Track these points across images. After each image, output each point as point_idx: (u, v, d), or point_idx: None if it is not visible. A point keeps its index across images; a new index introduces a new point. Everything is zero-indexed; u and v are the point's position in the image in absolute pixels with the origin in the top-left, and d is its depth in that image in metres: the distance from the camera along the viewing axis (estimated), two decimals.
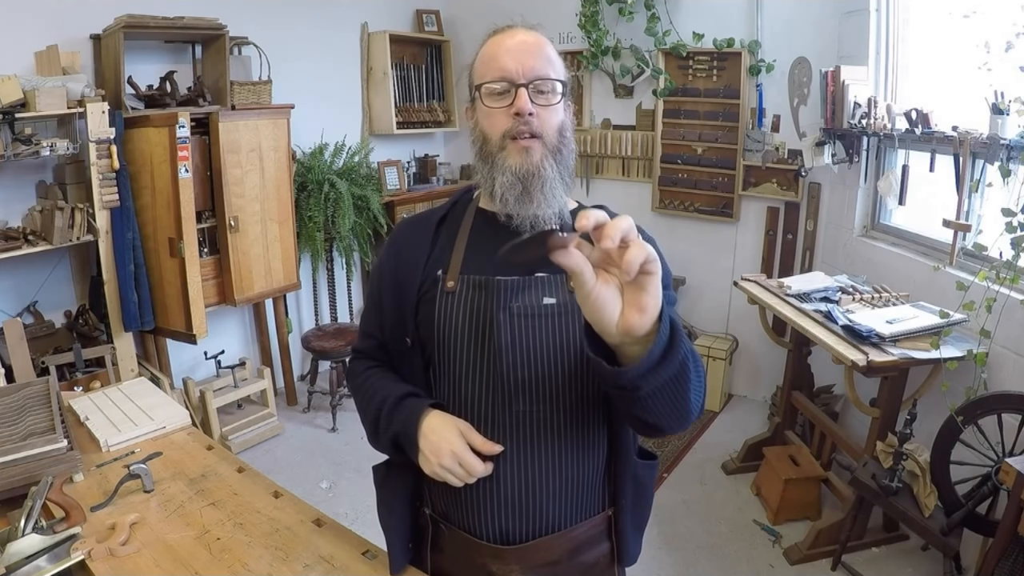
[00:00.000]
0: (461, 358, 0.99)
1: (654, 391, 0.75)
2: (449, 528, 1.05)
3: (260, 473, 1.44)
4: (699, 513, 2.72)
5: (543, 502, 1.00)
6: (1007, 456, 1.89)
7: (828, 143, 2.92)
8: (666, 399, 0.77)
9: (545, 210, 0.96)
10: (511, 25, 1.00)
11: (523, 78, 0.93)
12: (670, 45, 3.51)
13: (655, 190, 3.79)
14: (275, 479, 1.42)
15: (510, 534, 1.01)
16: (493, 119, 0.96)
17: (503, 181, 0.95)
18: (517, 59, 0.94)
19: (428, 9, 4.35)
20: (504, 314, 0.96)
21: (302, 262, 3.68)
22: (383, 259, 1.11)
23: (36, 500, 1.17)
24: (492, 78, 0.95)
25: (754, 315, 3.01)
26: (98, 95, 2.61)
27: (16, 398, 1.52)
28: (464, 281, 0.99)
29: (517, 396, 0.97)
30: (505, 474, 0.98)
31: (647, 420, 0.82)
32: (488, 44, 0.99)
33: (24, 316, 2.76)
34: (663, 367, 0.73)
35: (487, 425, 0.98)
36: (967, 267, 2.33)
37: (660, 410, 0.79)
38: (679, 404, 0.79)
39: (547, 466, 0.99)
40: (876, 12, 2.78)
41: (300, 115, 3.37)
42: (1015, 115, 2.04)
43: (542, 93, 0.95)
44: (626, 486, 1.07)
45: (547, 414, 0.98)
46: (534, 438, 0.98)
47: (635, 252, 0.65)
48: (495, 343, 0.96)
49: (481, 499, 1.00)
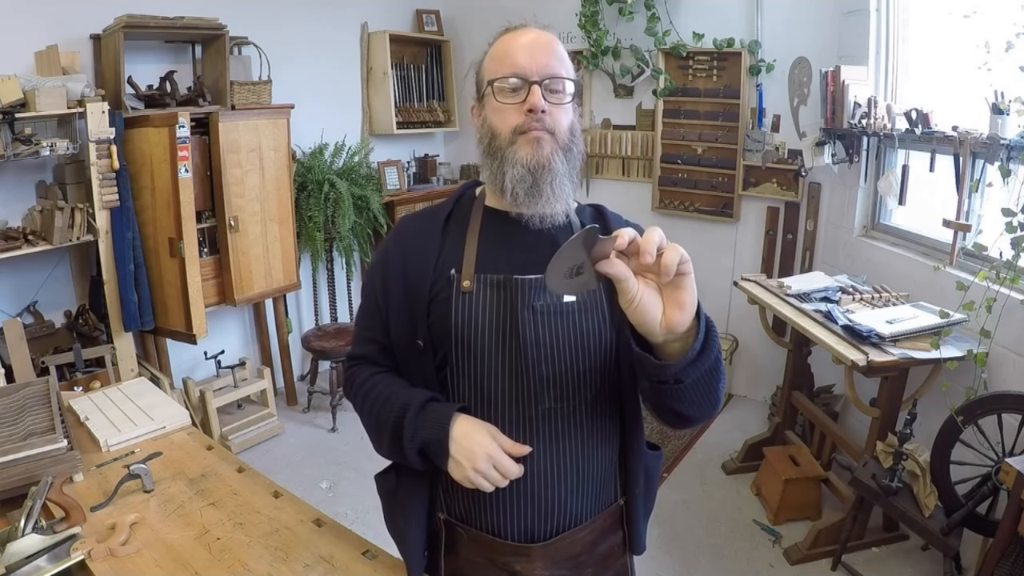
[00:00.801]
0: (483, 358, 0.98)
1: (694, 382, 0.81)
2: (467, 530, 1.04)
3: (260, 473, 1.44)
4: (699, 513, 2.72)
5: (566, 497, 1.01)
6: (1007, 456, 1.89)
7: (828, 143, 2.92)
8: (703, 390, 0.83)
9: (554, 205, 0.96)
10: (524, 23, 1.00)
11: (536, 75, 0.93)
12: (670, 45, 3.51)
13: (655, 190, 3.79)
14: (275, 479, 1.42)
15: (533, 531, 1.01)
16: (504, 115, 0.95)
17: (513, 174, 0.94)
18: (531, 56, 0.94)
19: (428, 9, 4.35)
20: (528, 312, 0.96)
21: (302, 262, 3.68)
22: (387, 257, 1.07)
23: (36, 500, 1.17)
24: (505, 74, 0.95)
25: (754, 315, 3.01)
26: (98, 95, 2.61)
27: (16, 398, 1.52)
28: (481, 280, 0.98)
29: (542, 393, 0.97)
30: (531, 472, 0.98)
31: (682, 411, 0.86)
32: (500, 41, 0.99)
33: (24, 316, 2.76)
34: (702, 359, 0.79)
35: (512, 424, 0.98)
36: (967, 267, 2.33)
37: (697, 400, 0.84)
38: (712, 394, 0.85)
39: (570, 461, 1.00)
40: (876, 12, 2.78)
41: (300, 115, 3.37)
42: (1015, 115, 2.04)
43: (554, 92, 0.95)
44: (638, 476, 1.09)
45: (570, 410, 0.99)
46: (557, 434, 0.99)
47: (671, 256, 0.72)
48: (519, 341, 0.96)
49: (507, 499, 0.99)
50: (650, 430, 3.40)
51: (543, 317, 0.97)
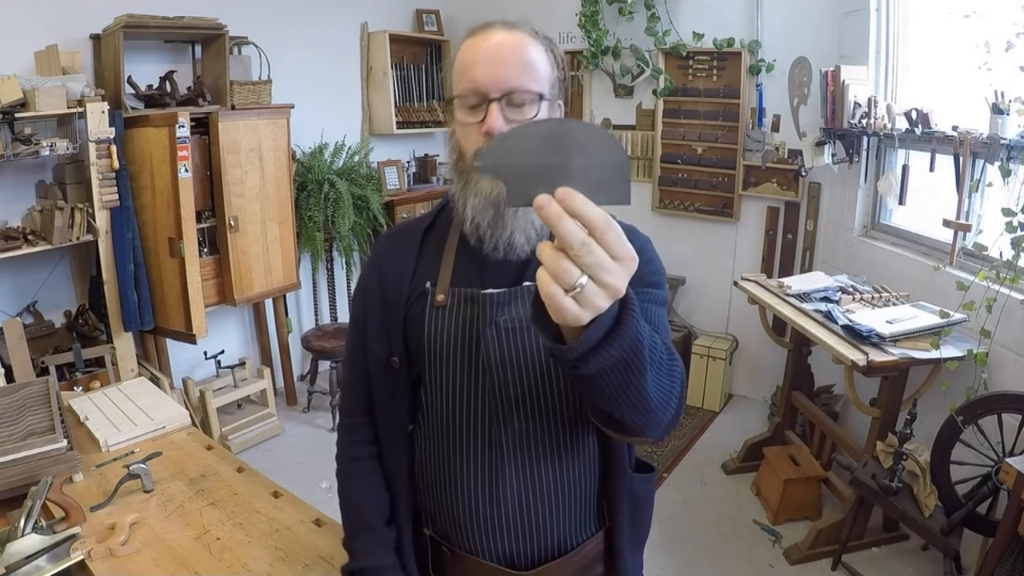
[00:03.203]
0: (455, 377, 0.94)
1: (601, 373, 0.65)
2: (451, 550, 1.01)
3: (260, 473, 1.44)
4: (699, 513, 2.72)
5: (545, 521, 0.96)
6: (1007, 456, 1.89)
7: (828, 143, 2.92)
8: (617, 385, 0.67)
9: (518, 235, 0.90)
10: (489, 24, 0.89)
11: (496, 90, 0.84)
12: (670, 45, 3.51)
13: (655, 190, 3.79)
14: (275, 479, 1.42)
15: (514, 556, 0.97)
16: (467, 134, 0.88)
17: (475, 204, 0.90)
18: (490, 69, 0.84)
19: (428, 9, 4.35)
20: (491, 329, 0.91)
21: (302, 262, 3.68)
22: (365, 281, 1.04)
23: (36, 500, 1.17)
24: (463, 91, 0.86)
25: (754, 315, 3.01)
26: (98, 95, 2.61)
27: (16, 398, 1.52)
28: (455, 295, 0.94)
29: (512, 414, 0.93)
30: (506, 495, 0.94)
31: (604, 409, 0.72)
32: (463, 48, 0.89)
33: (24, 316, 2.76)
34: (608, 346, 0.63)
35: (485, 446, 0.94)
36: (967, 267, 2.33)
37: (613, 397, 0.69)
38: (633, 393, 0.69)
39: (546, 484, 0.96)
40: (876, 12, 2.78)
41: (300, 115, 3.37)
42: (1015, 115, 2.04)
43: (517, 107, 0.85)
44: (622, 502, 1.01)
45: (543, 430, 0.94)
46: (533, 456, 0.94)
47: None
48: (484, 360, 0.91)
49: (483, 521, 0.96)
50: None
51: (507, 334, 0.91)
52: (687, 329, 3.81)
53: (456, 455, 0.96)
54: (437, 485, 0.99)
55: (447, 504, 0.98)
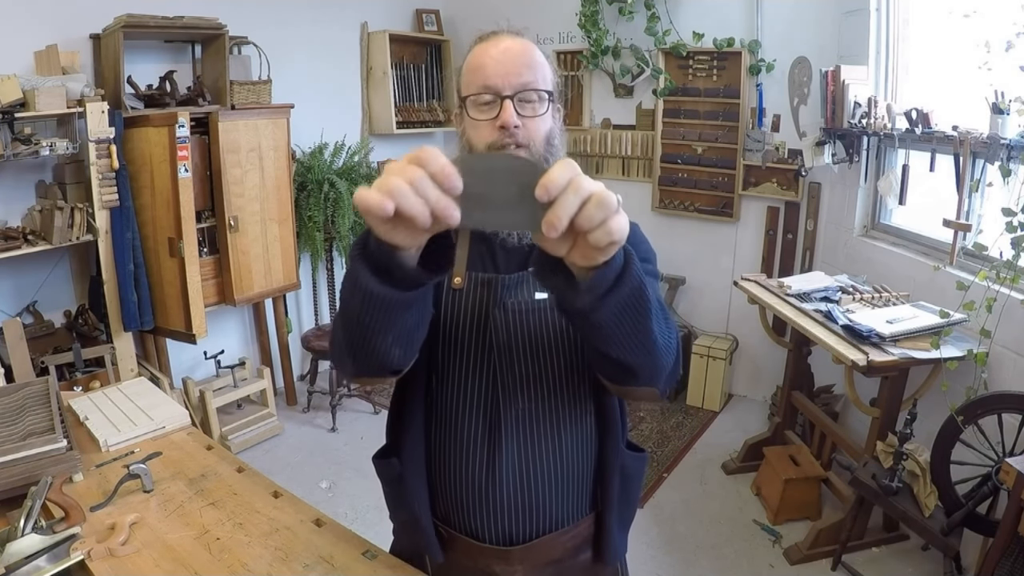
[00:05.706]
0: (463, 359, 0.98)
1: (613, 317, 0.69)
2: (450, 532, 1.05)
3: (260, 473, 1.44)
4: (699, 513, 2.72)
5: (543, 499, 1.01)
6: (1007, 456, 1.89)
7: (828, 143, 2.92)
8: (627, 328, 0.72)
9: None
10: (496, 31, 0.98)
11: (508, 89, 0.92)
12: (670, 45, 3.50)
13: (655, 190, 3.79)
14: (275, 479, 1.42)
15: (513, 534, 1.01)
16: (479, 130, 0.94)
17: None
18: (502, 69, 0.92)
19: (428, 9, 4.34)
20: (499, 311, 0.95)
21: (302, 262, 3.68)
22: None
23: (36, 500, 1.17)
24: (477, 90, 0.93)
25: (754, 315, 3.01)
26: (98, 95, 2.61)
27: (16, 398, 1.52)
28: (472, 279, 0.98)
29: (517, 394, 0.97)
30: (508, 474, 0.99)
31: (612, 355, 0.76)
32: (473, 53, 0.97)
33: (24, 316, 2.76)
34: (618, 289, 0.67)
35: (494, 425, 0.98)
36: (967, 267, 2.33)
37: (625, 341, 0.73)
38: (642, 335, 0.74)
39: (547, 463, 1.00)
40: (876, 12, 2.78)
41: (300, 115, 3.37)
42: (1015, 115, 2.04)
43: (528, 103, 0.93)
44: (613, 475, 1.05)
45: (546, 410, 0.98)
46: (533, 434, 0.99)
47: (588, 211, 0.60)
48: (492, 340, 0.96)
49: (483, 500, 1.00)
50: (650, 431, 3.40)
51: (514, 316, 0.96)
52: (687, 329, 3.81)
53: (459, 434, 1.00)
54: (441, 465, 1.03)
55: (449, 483, 1.02)
